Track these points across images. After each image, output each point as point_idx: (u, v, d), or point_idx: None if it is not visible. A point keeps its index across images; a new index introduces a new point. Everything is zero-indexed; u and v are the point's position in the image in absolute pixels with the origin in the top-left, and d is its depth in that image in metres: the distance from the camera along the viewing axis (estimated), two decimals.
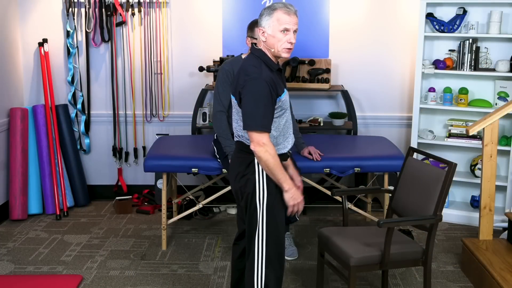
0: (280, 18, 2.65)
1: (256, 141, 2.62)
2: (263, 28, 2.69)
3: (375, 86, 4.95)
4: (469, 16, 4.49)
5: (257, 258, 2.74)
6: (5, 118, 4.61)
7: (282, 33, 2.66)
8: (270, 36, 2.68)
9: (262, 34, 2.70)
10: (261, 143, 2.61)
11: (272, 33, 2.67)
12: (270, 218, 2.73)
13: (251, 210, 2.74)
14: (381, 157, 4.02)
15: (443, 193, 2.85)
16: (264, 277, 2.75)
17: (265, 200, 2.72)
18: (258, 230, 2.73)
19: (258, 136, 2.61)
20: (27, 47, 4.90)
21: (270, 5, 2.70)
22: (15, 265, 3.78)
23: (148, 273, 3.67)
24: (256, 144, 2.62)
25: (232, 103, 2.84)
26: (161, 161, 3.92)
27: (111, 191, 5.10)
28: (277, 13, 2.65)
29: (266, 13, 2.69)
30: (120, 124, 5.04)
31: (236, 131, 2.84)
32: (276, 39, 2.67)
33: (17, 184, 4.53)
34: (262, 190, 2.72)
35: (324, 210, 4.87)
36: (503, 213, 4.27)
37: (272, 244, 2.75)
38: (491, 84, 4.59)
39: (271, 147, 2.63)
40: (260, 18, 2.71)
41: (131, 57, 4.91)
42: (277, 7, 2.66)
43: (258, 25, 2.72)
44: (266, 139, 2.62)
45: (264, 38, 2.70)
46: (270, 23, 2.67)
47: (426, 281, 2.97)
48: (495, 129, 3.63)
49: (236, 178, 2.81)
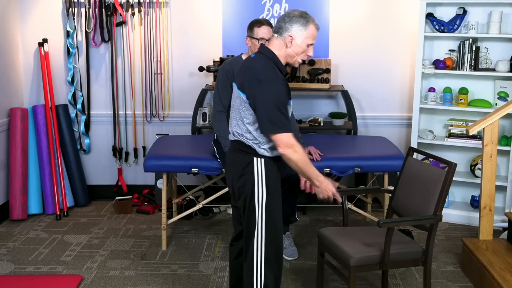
0: (312, 33, 2.74)
1: (285, 144, 2.64)
2: (293, 36, 2.72)
3: (375, 86, 4.95)
4: (469, 16, 4.49)
5: (256, 259, 2.74)
6: (5, 118, 4.61)
7: (307, 46, 2.74)
8: (297, 46, 2.73)
9: (290, 41, 2.73)
10: (289, 145, 2.64)
11: (301, 43, 2.73)
12: (269, 218, 2.73)
13: (249, 210, 2.74)
14: (381, 157, 4.02)
15: (443, 193, 2.85)
16: (263, 278, 2.75)
17: (264, 201, 2.72)
18: (256, 230, 2.73)
19: (285, 138, 2.63)
20: (27, 47, 4.90)
21: (303, 15, 2.75)
22: (15, 265, 3.78)
23: (148, 273, 3.67)
24: (284, 146, 2.64)
25: (234, 101, 2.81)
26: (161, 161, 3.92)
27: (111, 191, 5.10)
28: (311, 27, 2.73)
29: (299, 23, 2.72)
30: (120, 124, 5.04)
31: (235, 129, 2.81)
32: (301, 49, 2.74)
33: (17, 184, 4.53)
34: (261, 190, 2.72)
35: (324, 210, 4.87)
36: (503, 213, 4.27)
37: (271, 245, 2.75)
38: (491, 84, 4.59)
39: (298, 146, 2.66)
40: (290, 24, 2.72)
41: (131, 57, 4.91)
42: (310, 20, 2.73)
43: (286, 30, 2.72)
44: (293, 140, 2.65)
45: (290, 45, 2.73)
46: (302, 34, 2.72)
47: (426, 281, 2.97)
48: (495, 129, 3.63)
49: (234, 178, 2.81)
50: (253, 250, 2.74)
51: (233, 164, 2.84)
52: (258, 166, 2.73)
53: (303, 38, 2.72)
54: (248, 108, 2.70)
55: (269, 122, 2.63)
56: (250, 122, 2.72)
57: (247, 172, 2.74)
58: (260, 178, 2.72)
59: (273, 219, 2.75)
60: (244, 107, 2.72)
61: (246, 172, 2.74)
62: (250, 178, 2.73)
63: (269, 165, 2.76)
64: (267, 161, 2.75)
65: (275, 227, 2.76)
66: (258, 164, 2.73)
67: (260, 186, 2.72)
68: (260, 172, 2.72)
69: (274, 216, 2.75)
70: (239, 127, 2.78)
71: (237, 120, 2.78)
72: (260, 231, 2.73)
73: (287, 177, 3.74)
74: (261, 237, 2.73)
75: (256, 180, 2.72)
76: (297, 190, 3.84)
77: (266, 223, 2.73)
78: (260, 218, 2.72)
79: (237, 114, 2.78)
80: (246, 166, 2.75)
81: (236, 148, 2.82)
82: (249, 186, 2.73)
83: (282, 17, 2.76)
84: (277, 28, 2.76)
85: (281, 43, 2.74)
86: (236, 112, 2.79)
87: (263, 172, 2.72)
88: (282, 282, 3.51)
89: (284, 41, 2.73)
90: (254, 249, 2.74)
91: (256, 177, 2.72)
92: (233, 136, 2.85)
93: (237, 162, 2.80)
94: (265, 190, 2.72)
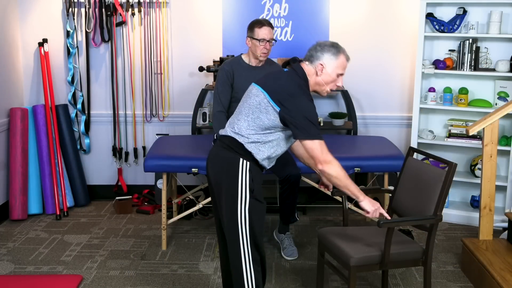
0: (343, 63, 2.77)
1: (323, 160, 2.67)
2: (324, 64, 2.75)
3: (375, 86, 4.95)
4: (469, 16, 4.49)
5: (244, 262, 2.74)
6: (5, 118, 4.61)
7: (337, 76, 2.77)
8: (327, 74, 2.76)
9: (320, 69, 2.75)
10: (328, 161, 2.68)
11: (331, 73, 2.76)
12: (253, 221, 2.73)
13: (231, 212, 2.72)
14: (381, 157, 4.02)
15: (443, 193, 2.85)
16: (254, 280, 2.76)
17: (247, 204, 2.71)
18: (242, 234, 2.72)
19: (324, 154, 2.67)
20: (27, 47, 4.90)
21: (335, 45, 2.78)
22: (15, 265, 3.78)
23: (148, 273, 3.67)
24: (323, 163, 2.68)
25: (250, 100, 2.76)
26: (161, 161, 3.92)
27: (111, 191, 5.10)
28: (342, 58, 2.76)
29: (331, 52, 2.75)
30: (120, 124, 5.04)
31: (235, 126, 2.78)
32: (331, 78, 2.77)
33: (17, 184, 4.53)
34: (245, 193, 2.71)
35: (324, 210, 4.87)
36: (503, 213, 4.27)
37: (256, 247, 2.77)
38: (491, 84, 4.59)
39: (336, 162, 2.71)
40: (321, 53, 2.75)
41: (131, 57, 4.91)
42: (341, 51, 2.76)
43: (317, 58, 2.75)
44: (330, 156, 2.70)
45: (321, 73, 2.76)
46: (333, 64, 2.75)
47: (426, 281, 2.97)
48: (495, 129, 3.63)
49: (218, 174, 2.78)
50: (240, 253, 2.73)
51: (218, 160, 2.81)
52: (243, 167, 2.72)
53: (333, 67, 2.75)
54: (270, 112, 2.69)
55: (304, 129, 2.65)
56: (262, 126, 2.71)
57: (232, 174, 2.72)
58: (245, 180, 2.71)
59: (257, 221, 2.75)
60: (265, 109, 2.70)
61: (232, 174, 2.72)
62: (235, 181, 2.71)
63: (254, 169, 2.76)
64: (252, 165, 2.75)
65: (259, 230, 2.78)
66: (243, 166, 2.72)
67: (244, 188, 2.71)
68: (245, 174, 2.71)
69: (257, 219, 2.75)
70: (243, 124, 2.74)
71: (247, 117, 2.75)
72: (245, 235, 2.72)
73: (287, 177, 3.74)
74: (247, 240, 2.73)
75: (240, 183, 2.71)
76: (297, 190, 3.84)
77: (251, 226, 2.72)
78: (245, 221, 2.71)
79: (248, 112, 2.75)
80: (232, 166, 2.73)
81: (225, 144, 2.79)
82: (233, 188, 2.71)
83: (314, 46, 2.80)
84: (308, 56, 2.80)
85: (311, 70, 2.78)
86: (248, 110, 2.75)
87: (247, 174, 2.71)
88: (282, 282, 3.54)
89: (315, 69, 2.77)
90: (241, 252, 2.73)
91: (241, 180, 2.71)
92: (227, 132, 2.82)
93: (223, 159, 2.77)
94: (249, 193, 2.71)
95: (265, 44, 3.75)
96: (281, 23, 4.84)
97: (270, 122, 2.71)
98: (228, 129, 2.83)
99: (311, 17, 4.82)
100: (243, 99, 2.85)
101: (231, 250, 2.79)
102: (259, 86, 2.77)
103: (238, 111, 2.84)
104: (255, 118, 2.72)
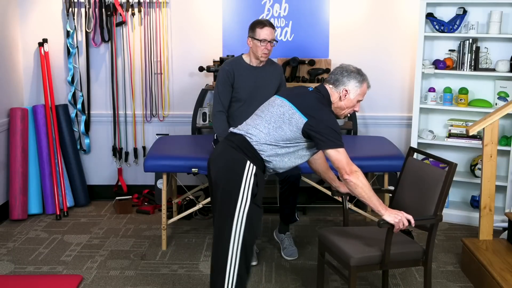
0: (364, 90, 2.86)
1: (349, 170, 2.71)
2: (348, 91, 2.82)
3: (375, 86, 4.90)
4: (469, 16, 4.49)
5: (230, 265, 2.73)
6: (5, 118, 4.61)
7: (357, 101, 2.85)
8: (349, 100, 2.84)
9: (344, 95, 2.82)
10: (353, 171, 2.72)
11: (353, 98, 2.84)
12: (248, 226, 2.72)
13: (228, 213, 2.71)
14: (381, 157, 4.02)
15: (443, 193, 2.85)
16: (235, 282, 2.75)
17: (247, 208, 2.71)
18: (234, 236, 2.71)
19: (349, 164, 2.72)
20: (27, 47, 4.89)
21: (360, 72, 2.86)
22: (15, 265, 3.78)
23: (148, 273, 3.67)
24: (349, 172, 2.72)
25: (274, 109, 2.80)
26: (161, 161, 3.92)
27: (111, 191, 5.10)
28: (365, 85, 2.85)
29: (357, 80, 2.83)
30: (120, 124, 5.04)
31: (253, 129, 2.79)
32: (351, 104, 2.85)
33: (17, 184, 4.53)
34: (246, 197, 2.71)
35: (324, 210, 4.87)
36: (503, 213, 4.27)
37: (245, 254, 2.76)
38: (491, 84, 4.59)
39: (361, 173, 2.75)
40: (348, 79, 2.82)
41: (131, 57, 4.91)
42: (365, 78, 2.85)
43: (342, 84, 2.82)
44: (355, 166, 2.74)
45: (344, 98, 2.83)
46: (356, 91, 2.83)
47: (426, 281, 2.97)
48: (495, 129, 3.63)
49: (219, 172, 2.77)
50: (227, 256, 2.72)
51: (222, 158, 2.80)
52: (249, 170, 2.72)
53: (356, 94, 2.83)
54: (292, 123, 2.73)
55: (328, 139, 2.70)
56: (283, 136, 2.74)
57: (236, 172, 2.72)
58: (249, 183, 2.71)
59: (252, 228, 2.74)
60: (288, 120, 2.74)
61: (235, 172, 2.72)
62: (238, 185, 2.70)
63: (259, 174, 2.77)
64: (258, 170, 2.76)
65: (251, 241, 2.78)
66: (250, 169, 2.72)
67: (247, 191, 2.71)
68: (249, 177, 2.71)
69: (253, 225, 2.75)
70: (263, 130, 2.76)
71: (268, 124, 2.77)
72: (237, 242, 2.72)
73: (287, 178, 3.75)
74: (238, 248, 2.72)
75: (243, 186, 2.70)
76: (297, 190, 3.84)
77: (245, 232, 2.72)
78: (240, 224, 2.71)
79: (271, 119, 2.78)
80: (237, 166, 2.72)
81: (234, 144, 2.78)
82: (235, 189, 2.71)
83: (339, 70, 2.86)
84: (333, 80, 2.84)
85: (334, 94, 2.84)
86: (270, 118, 2.79)
87: (252, 178, 2.71)
88: (282, 282, 3.54)
89: (339, 93, 2.83)
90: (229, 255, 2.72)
91: (244, 184, 2.70)
92: (240, 131, 2.82)
93: (228, 157, 2.77)
94: (251, 197, 2.71)
95: (266, 45, 3.75)
96: (281, 23, 4.84)
97: (292, 134, 2.75)
98: (243, 130, 2.83)
99: (311, 17, 4.82)
100: (265, 107, 2.88)
101: (217, 249, 2.77)
102: (284, 98, 2.82)
103: (258, 116, 2.86)
104: (277, 127, 2.76)
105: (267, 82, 3.90)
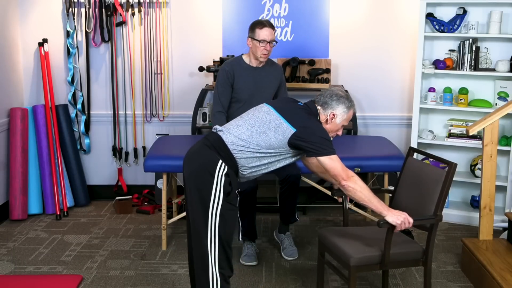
0: (350, 116, 2.90)
1: (346, 176, 2.73)
2: (335, 115, 2.86)
3: (375, 86, 4.95)
4: (469, 16, 4.49)
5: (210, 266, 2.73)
6: (5, 118, 4.61)
7: (341, 126, 2.89)
8: (335, 124, 2.88)
9: (331, 118, 2.85)
10: (349, 176, 2.74)
11: (339, 123, 2.88)
12: (222, 225, 2.72)
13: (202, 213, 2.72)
14: (381, 157, 4.02)
15: (443, 193, 2.85)
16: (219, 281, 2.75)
17: (220, 207, 2.71)
18: (211, 236, 2.72)
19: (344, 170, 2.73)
20: (27, 47, 4.90)
21: (349, 98, 2.88)
22: (15, 265, 3.78)
23: (148, 273, 3.67)
24: (346, 178, 2.73)
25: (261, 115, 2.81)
26: (161, 161, 3.93)
27: (111, 191, 5.10)
28: (351, 111, 2.90)
29: (345, 105, 2.86)
30: (120, 124, 5.04)
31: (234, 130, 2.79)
32: (336, 128, 2.89)
33: (17, 184, 4.53)
34: (219, 196, 2.71)
35: (324, 210, 4.87)
36: (503, 213, 4.27)
37: (224, 252, 2.76)
38: (491, 84, 4.59)
39: (357, 177, 2.76)
40: (337, 104, 2.85)
41: (131, 57, 4.91)
42: (353, 105, 2.89)
43: (331, 107, 2.85)
44: (350, 171, 2.76)
45: (330, 121, 2.86)
46: (343, 116, 2.87)
47: (426, 281, 2.97)
48: (495, 129, 3.63)
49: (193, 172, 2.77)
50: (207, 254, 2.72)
51: (196, 157, 2.80)
52: (220, 170, 2.71)
53: (342, 119, 2.87)
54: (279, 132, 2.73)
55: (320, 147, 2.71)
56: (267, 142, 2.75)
57: (208, 171, 2.72)
58: (220, 182, 2.70)
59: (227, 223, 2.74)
60: (274, 128, 2.74)
61: (207, 171, 2.72)
62: (210, 180, 2.70)
63: (231, 174, 2.77)
64: (230, 170, 2.76)
65: (229, 233, 2.78)
66: (221, 169, 2.72)
67: (219, 190, 2.70)
68: (221, 177, 2.71)
69: (228, 223, 2.75)
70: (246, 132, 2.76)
71: (251, 128, 2.78)
72: (213, 237, 2.72)
73: (287, 177, 3.74)
74: (214, 242, 2.72)
75: (215, 183, 2.70)
76: (297, 190, 3.84)
77: (220, 228, 2.72)
78: (214, 223, 2.71)
79: (255, 124, 2.78)
80: (209, 165, 2.72)
81: (209, 143, 2.79)
82: (206, 187, 2.71)
83: (329, 93, 2.87)
84: (322, 102, 2.86)
85: (322, 115, 2.87)
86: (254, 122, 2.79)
87: (223, 178, 2.71)
88: (282, 282, 3.54)
89: (326, 116, 2.85)
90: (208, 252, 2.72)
91: (216, 180, 2.70)
92: (218, 130, 2.83)
93: (202, 156, 2.77)
94: (223, 196, 2.71)
95: (265, 45, 3.75)
96: (281, 23, 4.84)
97: (277, 142, 2.75)
98: (223, 129, 2.84)
99: (311, 17, 4.82)
100: (251, 111, 2.89)
101: (197, 250, 2.77)
102: (272, 108, 2.83)
103: (242, 117, 2.87)
104: (261, 132, 2.76)
105: (267, 82, 3.90)
